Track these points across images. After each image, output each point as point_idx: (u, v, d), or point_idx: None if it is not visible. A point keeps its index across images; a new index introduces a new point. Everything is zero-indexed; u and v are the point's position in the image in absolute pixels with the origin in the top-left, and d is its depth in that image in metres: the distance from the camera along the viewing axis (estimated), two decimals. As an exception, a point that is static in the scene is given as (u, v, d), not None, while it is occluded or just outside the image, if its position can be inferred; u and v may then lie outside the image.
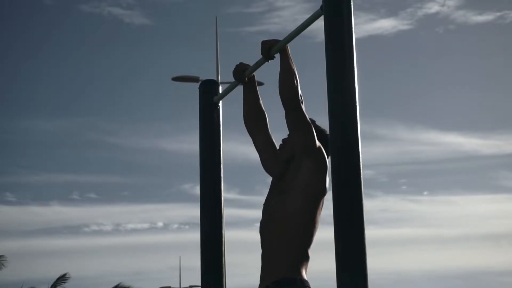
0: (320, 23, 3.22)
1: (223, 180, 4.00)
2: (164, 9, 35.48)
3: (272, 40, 3.55)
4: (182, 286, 28.75)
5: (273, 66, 3.62)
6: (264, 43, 3.57)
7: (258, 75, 3.86)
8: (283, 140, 3.60)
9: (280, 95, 3.46)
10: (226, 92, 3.99)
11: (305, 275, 3.31)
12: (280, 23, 31.82)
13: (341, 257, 2.73)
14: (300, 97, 3.45)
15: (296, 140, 3.44)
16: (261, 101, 3.80)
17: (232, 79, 3.84)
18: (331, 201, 2.80)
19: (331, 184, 2.86)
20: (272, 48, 3.51)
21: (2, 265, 20.77)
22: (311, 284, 3.29)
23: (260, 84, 3.92)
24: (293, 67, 3.48)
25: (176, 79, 17.85)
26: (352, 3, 2.95)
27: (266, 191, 3.58)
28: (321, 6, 3.06)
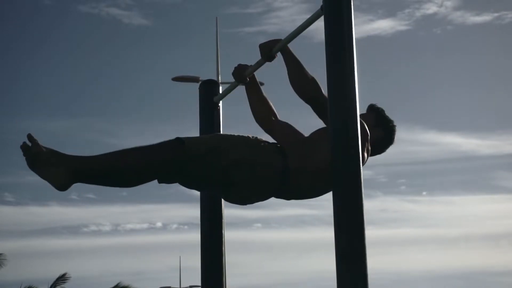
0: (317, 24, 3.23)
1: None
2: (163, 9, 35.49)
3: (271, 41, 3.55)
4: (182, 286, 28.77)
5: (273, 66, 3.63)
6: (262, 46, 3.55)
7: (258, 75, 3.87)
8: None
9: (301, 97, 3.41)
10: (226, 92, 3.99)
11: None
12: (278, 24, 31.84)
13: (341, 257, 2.73)
14: (321, 90, 3.38)
15: None
16: (267, 98, 3.81)
17: (232, 79, 3.84)
18: (331, 201, 2.80)
19: (332, 183, 2.85)
20: (273, 49, 3.51)
21: (2, 263, 20.77)
22: (311, 285, 3.31)
23: (260, 84, 3.91)
24: (300, 63, 3.46)
25: (176, 79, 17.86)
26: (352, 3, 2.96)
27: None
28: (321, 6, 3.06)
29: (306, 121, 3.64)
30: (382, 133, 3.64)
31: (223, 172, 3.29)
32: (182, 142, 3.23)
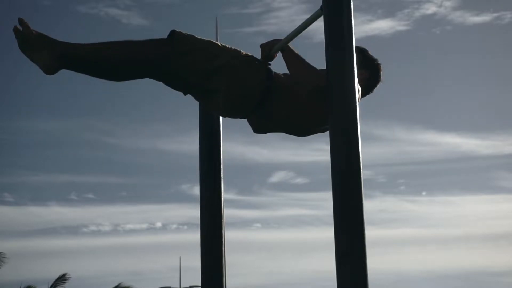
0: (317, 24, 3.23)
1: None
2: (162, 10, 35.52)
3: (272, 41, 3.55)
4: (182, 286, 28.78)
5: (273, 66, 3.63)
6: (263, 46, 3.55)
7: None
8: None
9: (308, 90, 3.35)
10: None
11: None
12: (277, 24, 31.89)
13: (341, 257, 2.73)
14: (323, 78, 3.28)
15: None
16: None
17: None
18: (331, 201, 2.80)
19: (331, 184, 2.85)
20: (272, 49, 3.51)
21: (2, 262, 20.76)
22: (311, 285, 3.30)
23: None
24: (300, 56, 3.42)
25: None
26: (352, 3, 2.96)
27: (264, 192, 3.60)
28: (321, 6, 3.07)
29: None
30: (368, 73, 3.63)
31: (205, 75, 3.30)
32: (173, 34, 3.25)
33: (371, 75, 3.64)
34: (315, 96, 3.32)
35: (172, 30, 3.27)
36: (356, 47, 3.66)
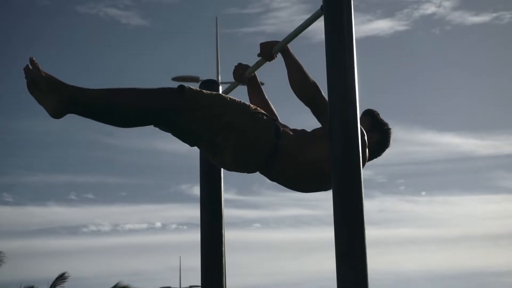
0: (317, 24, 3.23)
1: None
2: (161, 10, 35.52)
3: (272, 41, 3.55)
4: (182, 286, 28.80)
5: (273, 66, 3.63)
6: (263, 45, 3.55)
7: (258, 75, 3.87)
8: None
9: (301, 98, 3.36)
10: (226, 92, 4.00)
11: None
12: (276, 24, 31.89)
13: (341, 257, 2.73)
14: (321, 92, 3.33)
15: None
16: (267, 99, 3.80)
17: (232, 79, 3.85)
18: (331, 201, 2.80)
19: (332, 184, 2.85)
20: (273, 48, 3.51)
21: (1, 261, 20.75)
22: (311, 285, 3.29)
23: (261, 84, 3.91)
24: (301, 65, 3.41)
25: (176, 79, 17.90)
26: (352, 3, 2.96)
27: (263, 192, 3.60)
28: (321, 6, 3.07)
29: (306, 121, 3.64)
30: (378, 137, 3.62)
31: (212, 132, 3.28)
32: (182, 90, 3.23)
33: (381, 139, 3.63)
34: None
35: (181, 85, 3.24)
36: (368, 110, 3.68)
